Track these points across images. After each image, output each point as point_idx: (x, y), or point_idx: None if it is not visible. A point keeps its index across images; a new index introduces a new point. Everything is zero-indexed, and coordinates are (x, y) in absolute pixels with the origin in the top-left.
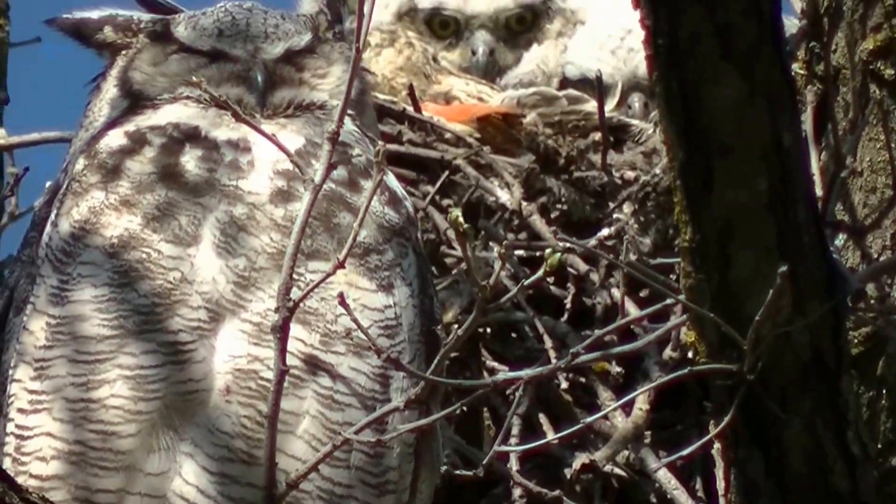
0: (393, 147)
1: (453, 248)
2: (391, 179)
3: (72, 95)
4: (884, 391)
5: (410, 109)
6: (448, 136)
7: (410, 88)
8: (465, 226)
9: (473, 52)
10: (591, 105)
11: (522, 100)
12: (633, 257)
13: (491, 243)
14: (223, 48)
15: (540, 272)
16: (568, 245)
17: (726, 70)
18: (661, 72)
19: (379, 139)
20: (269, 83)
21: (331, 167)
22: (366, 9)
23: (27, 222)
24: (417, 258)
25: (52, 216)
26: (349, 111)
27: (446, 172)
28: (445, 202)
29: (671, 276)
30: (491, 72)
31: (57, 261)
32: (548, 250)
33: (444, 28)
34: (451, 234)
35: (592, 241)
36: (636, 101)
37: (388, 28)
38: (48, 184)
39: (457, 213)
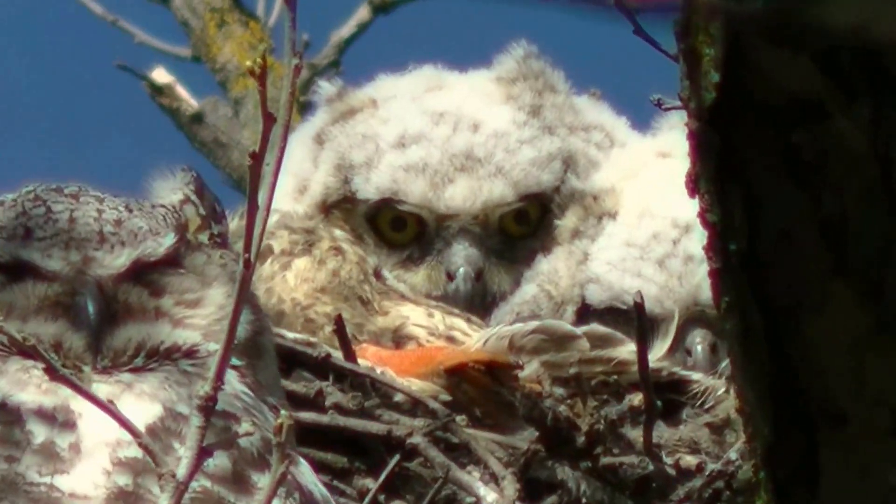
0: (310, 417)
1: None
2: (304, 471)
3: None
4: None
5: (339, 356)
6: (399, 398)
7: (339, 322)
8: None
9: (450, 276)
10: (626, 349)
11: (518, 340)
12: None
13: None
14: (31, 259)
15: None
16: None
17: (838, 290)
18: (734, 296)
19: (284, 406)
20: (105, 316)
21: (203, 453)
22: (261, 196)
23: None
24: None
25: None
26: (235, 361)
27: (396, 457)
28: None
29: None
30: (478, 305)
31: None
32: None
33: (399, 229)
34: None
35: None
36: (699, 341)
37: (302, 225)
38: None
39: None
